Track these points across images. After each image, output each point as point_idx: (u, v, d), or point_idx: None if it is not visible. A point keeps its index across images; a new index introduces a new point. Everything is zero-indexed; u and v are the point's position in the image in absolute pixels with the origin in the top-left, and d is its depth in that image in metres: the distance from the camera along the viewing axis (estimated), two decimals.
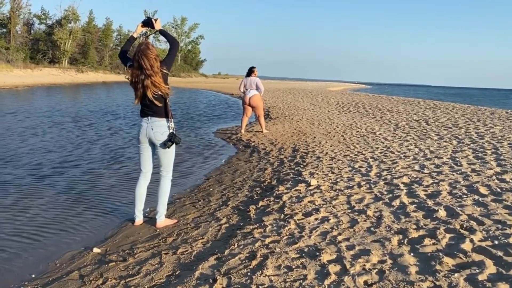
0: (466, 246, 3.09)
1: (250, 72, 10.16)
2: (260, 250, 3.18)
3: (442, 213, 3.87)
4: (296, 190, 4.92)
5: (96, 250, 3.58)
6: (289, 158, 7.17)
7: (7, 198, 4.98)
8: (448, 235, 3.31)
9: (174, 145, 3.95)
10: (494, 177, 5.26)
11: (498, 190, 4.64)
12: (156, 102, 3.79)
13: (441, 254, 2.94)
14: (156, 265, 3.14)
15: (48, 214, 4.54)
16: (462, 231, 3.39)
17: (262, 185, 5.46)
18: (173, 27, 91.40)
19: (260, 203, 4.54)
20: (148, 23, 4.04)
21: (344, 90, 55.19)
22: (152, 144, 3.98)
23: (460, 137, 9.24)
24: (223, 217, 4.24)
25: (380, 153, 7.31)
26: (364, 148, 7.83)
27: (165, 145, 3.88)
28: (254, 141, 9.26)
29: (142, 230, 4.07)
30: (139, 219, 4.20)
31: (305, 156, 7.17)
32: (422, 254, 3.00)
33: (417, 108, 18.21)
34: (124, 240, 3.84)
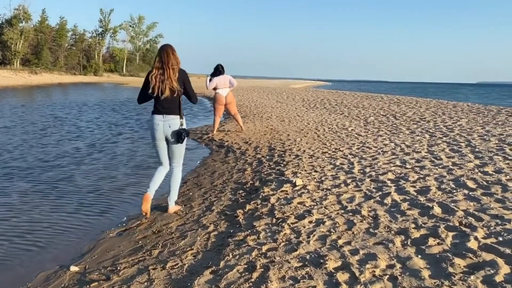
0: (472, 244, 2.97)
1: (217, 70, 9.63)
2: (259, 260, 2.93)
3: (437, 209, 3.77)
4: (282, 191, 4.71)
5: (73, 268, 3.22)
6: (267, 157, 6.95)
7: None
8: (450, 234, 3.19)
9: (186, 138, 4.23)
10: (476, 170, 5.26)
11: (485, 183, 4.61)
12: (175, 96, 4.07)
13: (450, 255, 2.80)
14: (146, 283, 2.82)
15: (12, 228, 4.09)
16: (463, 228, 3.28)
17: (245, 187, 5.20)
18: (130, 25, 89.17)
19: (248, 207, 4.28)
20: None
21: (306, 87, 55.76)
22: (166, 139, 4.22)
23: (430, 130, 9.34)
24: (210, 223, 3.95)
25: (358, 149, 7.23)
26: (340, 145, 7.73)
27: (181, 139, 4.16)
28: (227, 141, 8.98)
29: (123, 242, 3.73)
30: (150, 191, 4.23)
31: (283, 155, 6.98)
32: (430, 255, 2.85)
33: (382, 103, 18.50)
34: (103, 255, 3.49)
